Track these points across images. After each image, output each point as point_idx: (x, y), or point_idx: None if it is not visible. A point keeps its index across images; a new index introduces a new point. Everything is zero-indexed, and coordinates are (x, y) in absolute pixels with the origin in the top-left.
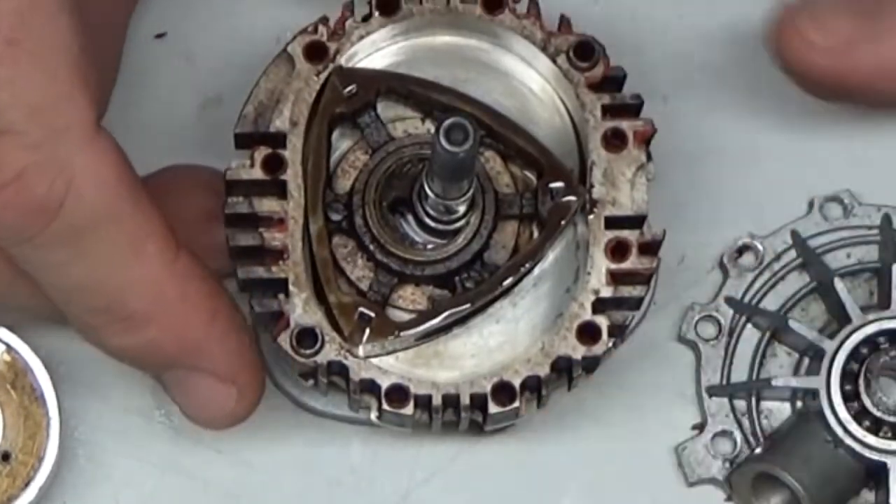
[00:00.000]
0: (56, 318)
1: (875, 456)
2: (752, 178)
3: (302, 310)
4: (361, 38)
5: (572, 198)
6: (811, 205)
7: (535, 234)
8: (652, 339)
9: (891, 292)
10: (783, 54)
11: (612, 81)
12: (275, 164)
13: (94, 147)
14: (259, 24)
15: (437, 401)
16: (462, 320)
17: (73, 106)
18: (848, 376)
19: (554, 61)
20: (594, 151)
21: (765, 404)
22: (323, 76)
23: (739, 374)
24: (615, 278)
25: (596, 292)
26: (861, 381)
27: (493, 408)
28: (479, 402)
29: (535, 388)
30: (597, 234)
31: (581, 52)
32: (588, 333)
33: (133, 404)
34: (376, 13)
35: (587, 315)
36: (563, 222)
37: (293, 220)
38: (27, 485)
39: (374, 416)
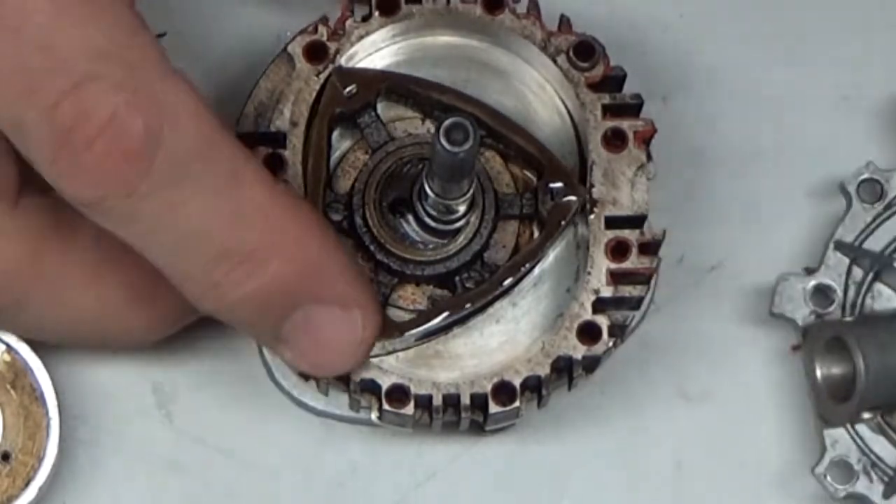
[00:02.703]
0: (53, 339)
1: None
2: (751, 178)
3: None
4: (361, 38)
5: (572, 198)
6: None
7: (536, 233)
8: (652, 339)
9: None
10: None
11: (613, 81)
12: (275, 164)
13: (176, 80)
14: (259, 23)
15: (437, 401)
16: (462, 320)
17: (143, 43)
18: None
19: (554, 61)
20: (594, 151)
21: (879, 287)
22: (323, 76)
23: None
24: (615, 278)
25: (596, 292)
26: None
27: (493, 408)
28: (479, 402)
29: (535, 387)
30: (597, 234)
31: (581, 52)
32: (588, 333)
33: (133, 404)
34: (376, 13)
35: (587, 315)
36: (563, 222)
37: None
38: (27, 485)
39: (374, 416)
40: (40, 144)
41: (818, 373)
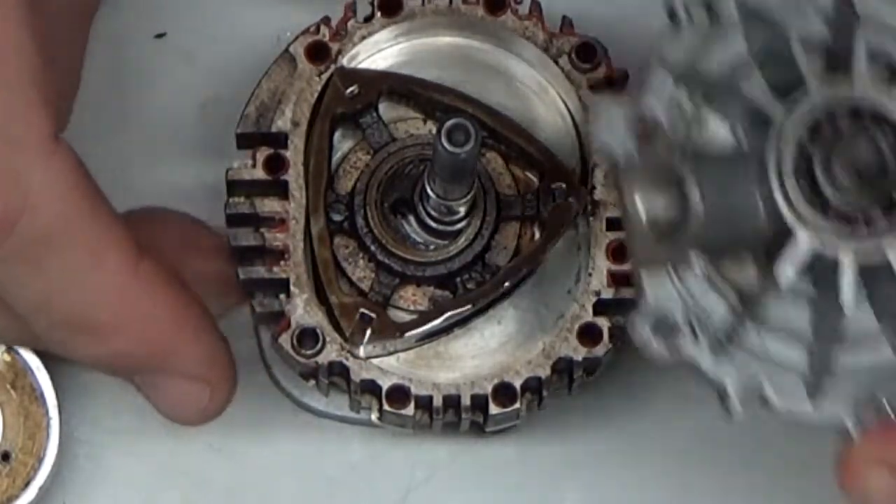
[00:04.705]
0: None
1: (791, 218)
2: None
3: (303, 310)
4: (363, 38)
5: (574, 199)
6: None
7: (537, 235)
8: None
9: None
10: None
11: (615, 83)
12: (276, 165)
13: (51, 160)
14: (259, 24)
15: (437, 402)
16: (463, 321)
17: (30, 119)
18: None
19: (556, 62)
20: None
21: (704, 114)
22: (325, 77)
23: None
24: (616, 280)
25: (597, 294)
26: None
27: (493, 409)
28: (479, 403)
29: (535, 389)
30: (598, 236)
31: (583, 54)
32: (589, 335)
33: (132, 404)
34: (378, 14)
35: (588, 316)
36: (564, 224)
37: (294, 221)
38: (27, 485)
39: (374, 416)
40: None
41: (639, 206)
